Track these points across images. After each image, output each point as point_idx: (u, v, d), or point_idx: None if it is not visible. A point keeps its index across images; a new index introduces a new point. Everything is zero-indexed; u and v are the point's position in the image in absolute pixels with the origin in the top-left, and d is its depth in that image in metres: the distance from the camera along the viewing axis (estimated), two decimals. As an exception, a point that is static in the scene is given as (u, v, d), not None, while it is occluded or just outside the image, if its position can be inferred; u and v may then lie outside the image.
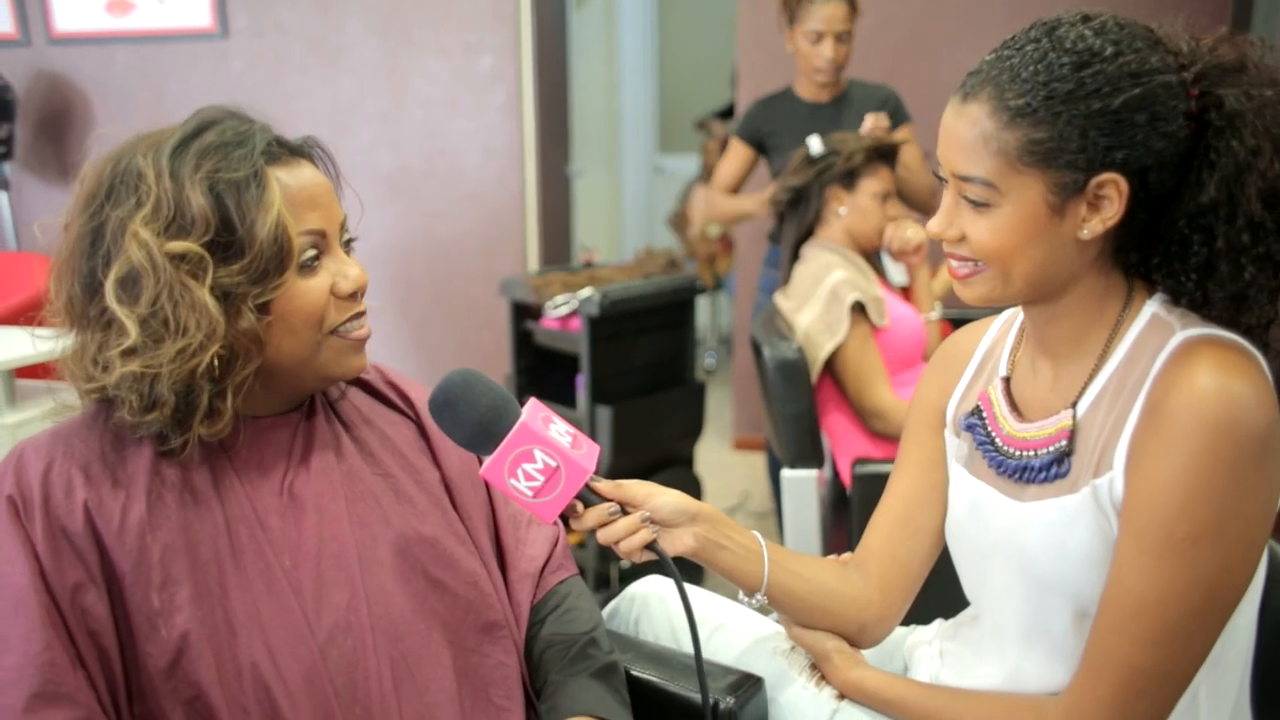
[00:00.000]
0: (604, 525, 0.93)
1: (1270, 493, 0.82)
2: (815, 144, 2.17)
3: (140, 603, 0.85)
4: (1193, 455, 0.80)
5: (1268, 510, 0.83)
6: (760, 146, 2.78)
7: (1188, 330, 0.87)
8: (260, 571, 0.90)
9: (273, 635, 0.88)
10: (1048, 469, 0.92)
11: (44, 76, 4.08)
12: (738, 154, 2.80)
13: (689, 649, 1.06)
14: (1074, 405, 0.92)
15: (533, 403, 0.94)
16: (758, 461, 3.74)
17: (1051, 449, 0.92)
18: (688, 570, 2.46)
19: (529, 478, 0.90)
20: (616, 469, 2.60)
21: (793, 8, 2.57)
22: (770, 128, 2.72)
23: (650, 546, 0.95)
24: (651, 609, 1.20)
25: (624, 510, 0.94)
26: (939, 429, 1.09)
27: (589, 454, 0.93)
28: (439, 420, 0.93)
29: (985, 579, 1.02)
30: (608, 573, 2.63)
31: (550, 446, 0.90)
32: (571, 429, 0.95)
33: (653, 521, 0.95)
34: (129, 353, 0.85)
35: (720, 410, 4.28)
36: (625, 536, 0.93)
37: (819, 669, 1.08)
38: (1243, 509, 0.81)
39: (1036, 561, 0.93)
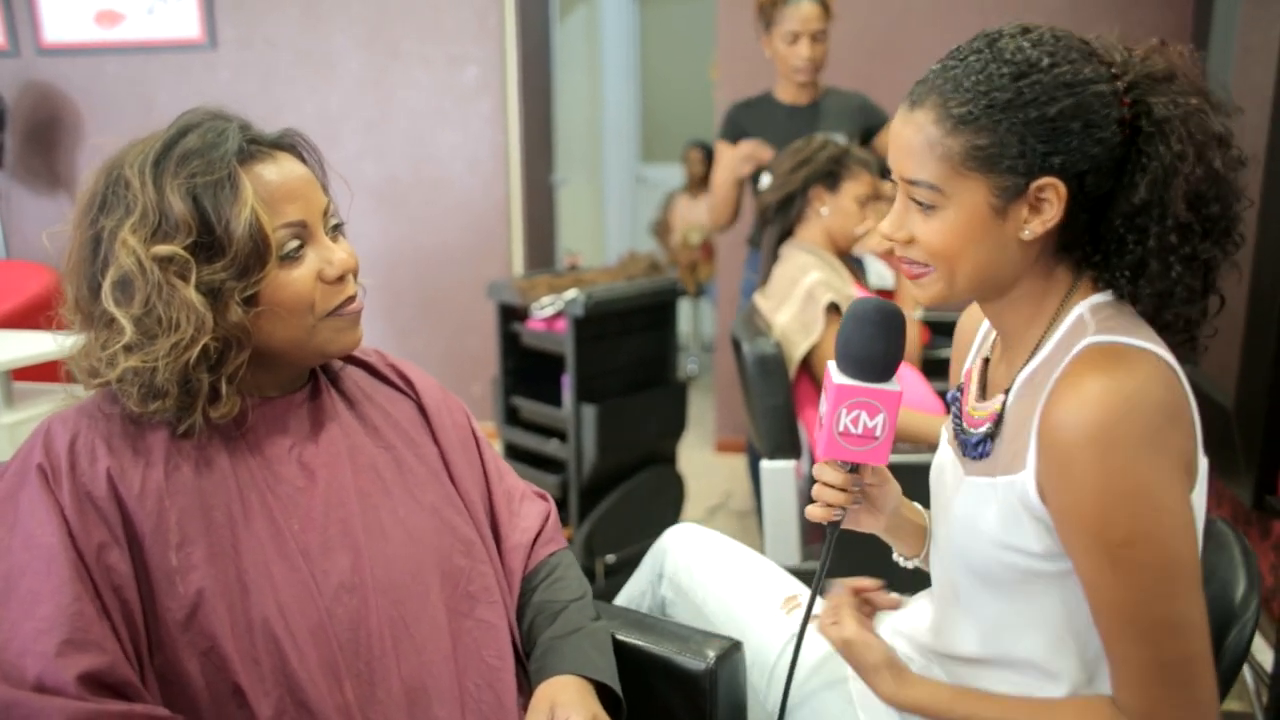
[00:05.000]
0: (839, 489, 1.03)
1: (1175, 464, 0.85)
2: (764, 180, 2.31)
3: (159, 561, 0.92)
4: (1091, 468, 0.84)
5: (1180, 479, 0.86)
6: None
7: (1096, 336, 0.91)
8: (271, 535, 0.96)
9: (282, 593, 0.94)
10: (975, 448, 0.99)
11: (33, 87, 4.13)
12: (728, 155, 2.78)
13: (714, 586, 1.31)
14: (1006, 392, 0.98)
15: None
16: (739, 463, 3.81)
17: (982, 429, 0.99)
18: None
19: (851, 422, 0.98)
20: (602, 465, 2.66)
21: (769, 13, 2.67)
22: (751, 128, 2.77)
23: (832, 526, 1.05)
24: (679, 552, 1.38)
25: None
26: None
27: (882, 452, 1.01)
28: (867, 325, 0.98)
29: (936, 538, 1.10)
30: (593, 568, 2.69)
31: (888, 429, 0.99)
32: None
33: (862, 492, 1.07)
34: (128, 349, 0.92)
35: (703, 414, 4.35)
36: (832, 501, 1.04)
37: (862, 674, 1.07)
38: (1156, 496, 0.84)
39: (956, 531, 1.01)
